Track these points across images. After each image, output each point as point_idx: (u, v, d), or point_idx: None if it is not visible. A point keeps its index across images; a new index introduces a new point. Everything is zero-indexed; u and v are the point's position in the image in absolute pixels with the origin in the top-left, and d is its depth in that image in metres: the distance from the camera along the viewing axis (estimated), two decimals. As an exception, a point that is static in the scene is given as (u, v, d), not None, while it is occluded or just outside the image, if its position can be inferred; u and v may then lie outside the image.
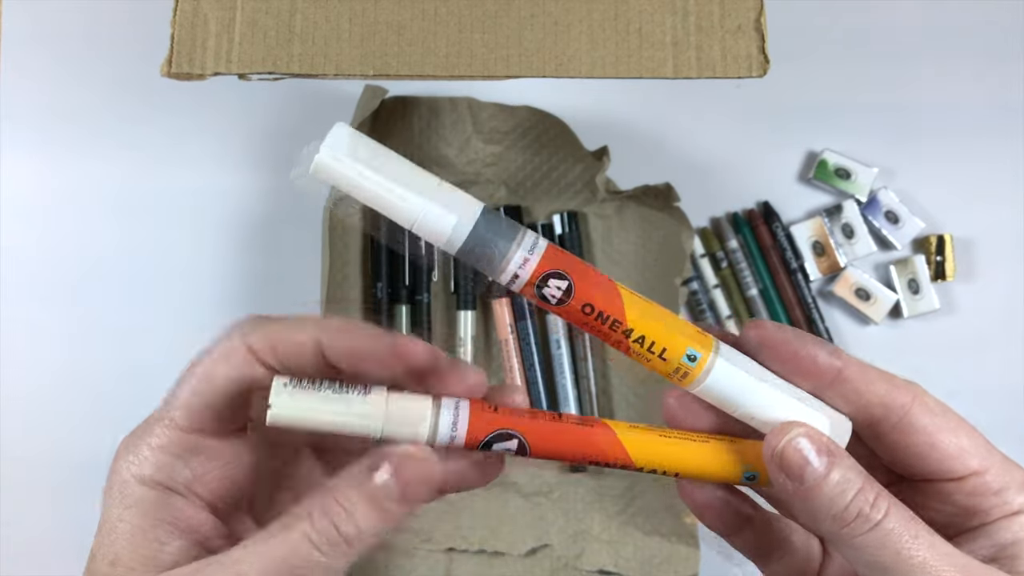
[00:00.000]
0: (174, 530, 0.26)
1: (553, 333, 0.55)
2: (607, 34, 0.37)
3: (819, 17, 0.59)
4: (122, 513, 0.25)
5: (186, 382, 0.26)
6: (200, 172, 0.57)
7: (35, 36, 0.58)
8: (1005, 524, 0.25)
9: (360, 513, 0.24)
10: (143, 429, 0.26)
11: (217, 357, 0.26)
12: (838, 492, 0.24)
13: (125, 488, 0.25)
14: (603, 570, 0.53)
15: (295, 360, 0.25)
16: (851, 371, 0.26)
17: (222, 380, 0.26)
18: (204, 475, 0.27)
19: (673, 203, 0.53)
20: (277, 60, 0.37)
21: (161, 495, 0.26)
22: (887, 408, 0.26)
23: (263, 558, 0.24)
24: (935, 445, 0.26)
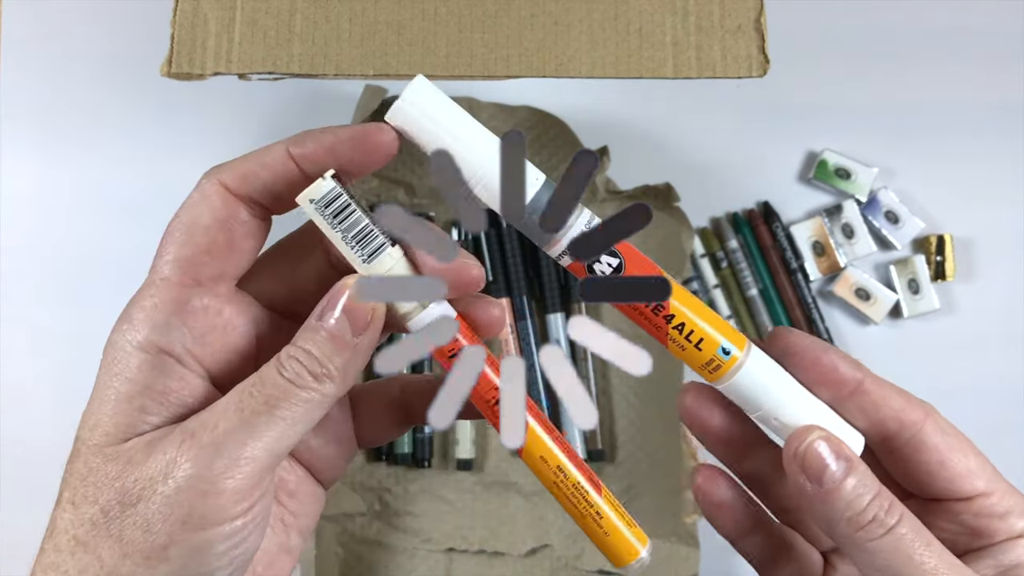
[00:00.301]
0: (163, 400, 0.25)
1: (553, 333, 0.55)
2: (607, 34, 0.37)
3: (819, 17, 0.59)
4: (110, 380, 0.25)
5: (170, 236, 0.26)
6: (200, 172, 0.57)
7: (35, 36, 0.58)
8: (1009, 546, 0.26)
9: (320, 352, 0.24)
10: (136, 295, 0.26)
11: (195, 202, 0.26)
12: (855, 496, 0.25)
13: (117, 354, 0.25)
14: (603, 570, 0.53)
15: (270, 181, 0.25)
16: (870, 384, 0.27)
17: (205, 222, 0.25)
18: (205, 336, 0.26)
19: (673, 203, 0.53)
20: (277, 60, 0.37)
21: (153, 359, 0.25)
22: (901, 424, 0.27)
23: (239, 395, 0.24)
24: (944, 464, 0.27)
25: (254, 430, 0.24)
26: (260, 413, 0.24)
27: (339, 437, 0.29)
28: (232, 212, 0.26)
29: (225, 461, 0.23)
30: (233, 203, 0.26)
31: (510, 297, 0.55)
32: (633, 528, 0.28)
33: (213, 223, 0.25)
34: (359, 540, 0.53)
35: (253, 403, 0.24)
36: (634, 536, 0.27)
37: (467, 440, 0.54)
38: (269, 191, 0.26)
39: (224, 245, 0.26)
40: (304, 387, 0.24)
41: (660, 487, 0.53)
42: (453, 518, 0.53)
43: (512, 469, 0.55)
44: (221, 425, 0.24)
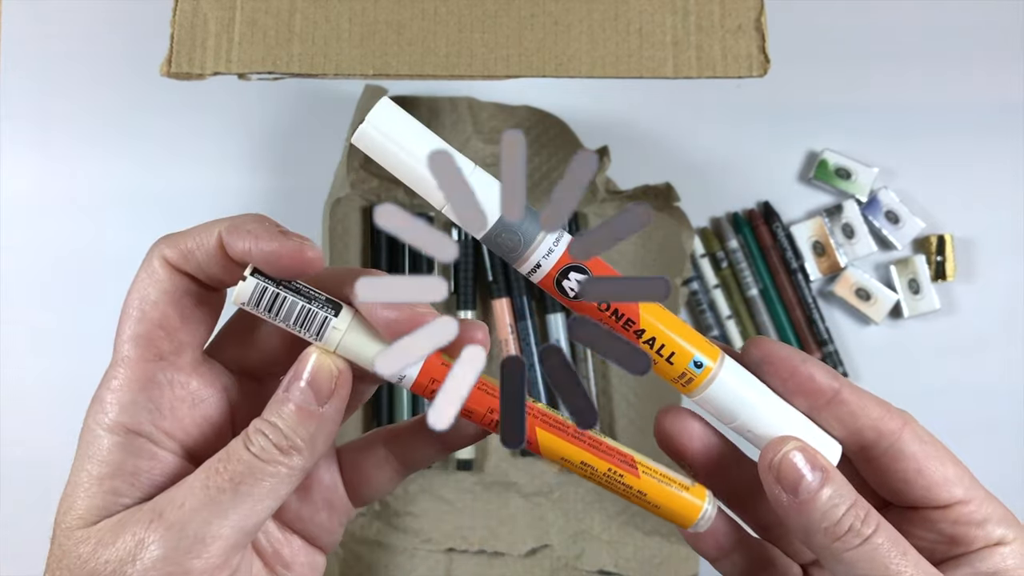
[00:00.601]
0: (134, 481, 0.25)
1: (553, 333, 0.55)
2: (607, 34, 0.37)
3: (819, 17, 0.59)
4: (83, 463, 0.25)
5: (125, 313, 0.26)
6: (200, 172, 0.57)
7: (35, 36, 0.58)
8: (987, 554, 0.26)
9: (286, 424, 0.25)
10: (104, 378, 0.26)
11: (143, 279, 0.26)
12: (831, 506, 0.25)
13: (89, 437, 0.25)
14: (603, 570, 0.53)
15: (204, 263, 0.25)
16: (848, 394, 0.27)
17: (153, 298, 0.25)
18: (173, 411, 0.26)
19: (673, 203, 0.53)
20: (277, 60, 0.37)
21: (123, 440, 0.25)
22: (879, 433, 0.27)
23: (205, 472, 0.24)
24: (922, 472, 0.27)
25: (220, 507, 0.24)
26: (225, 490, 0.24)
27: (330, 502, 0.29)
28: (178, 285, 0.26)
29: (190, 540, 0.23)
30: (178, 277, 0.26)
31: (510, 297, 0.55)
32: (687, 489, 0.27)
33: (161, 297, 0.25)
34: (359, 540, 0.53)
35: (219, 480, 0.24)
36: (689, 495, 0.27)
37: (467, 440, 0.54)
38: (204, 271, 0.26)
39: (177, 318, 0.26)
40: (270, 461, 0.24)
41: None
42: (453, 518, 0.53)
43: (512, 469, 0.55)
44: (187, 503, 0.24)
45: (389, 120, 0.25)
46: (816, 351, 0.56)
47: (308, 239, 0.25)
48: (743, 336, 0.57)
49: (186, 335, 0.26)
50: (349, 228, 0.55)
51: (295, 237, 0.25)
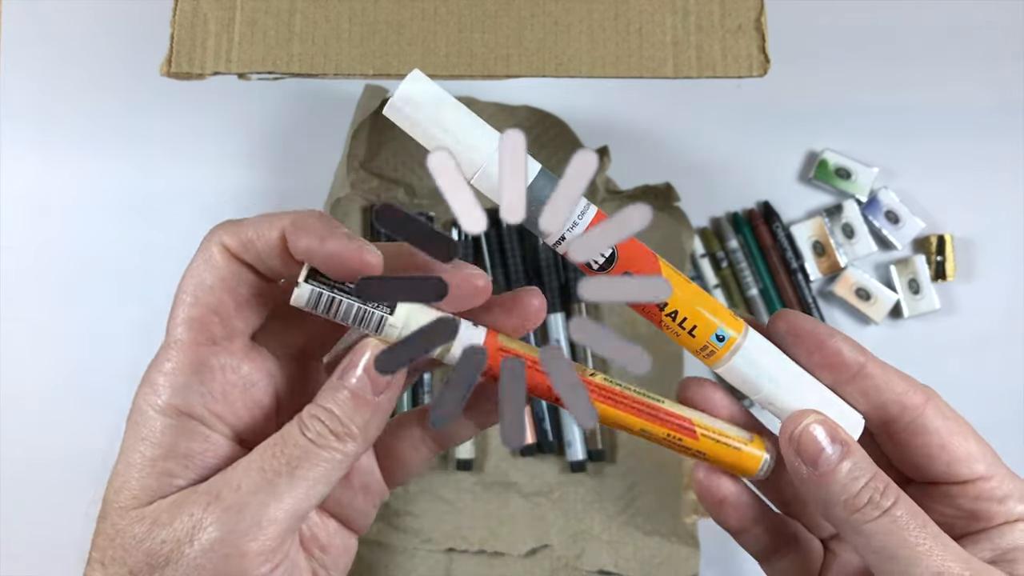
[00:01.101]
0: (187, 463, 0.25)
1: (553, 333, 0.55)
2: (607, 34, 0.37)
3: (819, 17, 0.59)
4: (135, 444, 0.25)
5: (179, 297, 0.26)
6: (200, 172, 0.57)
7: (35, 36, 0.58)
8: (1007, 530, 0.27)
9: (342, 411, 0.25)
10: (154, 360, 0.26)
11: (199, 266, 0.26)
12: (851, 479, 0.26)
13: (141, 418, 0.25)
14: (603, 570, 0.53)
15: (265, 255, 0.26)
16: (873, 368, 0.27)
17: (210, 283, 0.26)
18: (225, 395, 0.26)
19: (673, 203, 0.53)
20: (277, 60, 0.37)
21: (176, 423, 0.25)
22: (902, 407, 0.27)
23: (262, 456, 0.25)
24: (945, 447, 0.27)
25: (276, 491, 0.24)
26: (282, 474, 0.24)
27: (367, 486, 0.30)
28: (235, 273, 0.26)
29: (248, 523, 0.24)
30: (236, 265, 0.26)
31: (510, 297, 0.55)
32: (747, 444, 0.28)
33: (218, 284, 0.26)
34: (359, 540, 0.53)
35: (275, 464, 0.24)
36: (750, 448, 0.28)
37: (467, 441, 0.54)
38: (263, 263, 0.26)
39: (232, 305, 0.26)
40: (326, 447, 0.25)
41: (660, 487, 0.53)
42: (453, 518, 0.53)
43: (512, 469, 0.55)
44: (244, 485, 0.24)
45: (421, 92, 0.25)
46: (816, 351, 0.56)
47: (367, 242, 0.25)
48: (743, 336, 0.57)
49: (240, 322, 0.27)
50: (349, 228, 0.54)
51: (356, 240, 0.25)
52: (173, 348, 0.26)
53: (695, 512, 0.51)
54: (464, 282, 0.26)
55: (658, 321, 0.27)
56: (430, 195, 0.56)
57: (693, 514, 0.51)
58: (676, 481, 0.52)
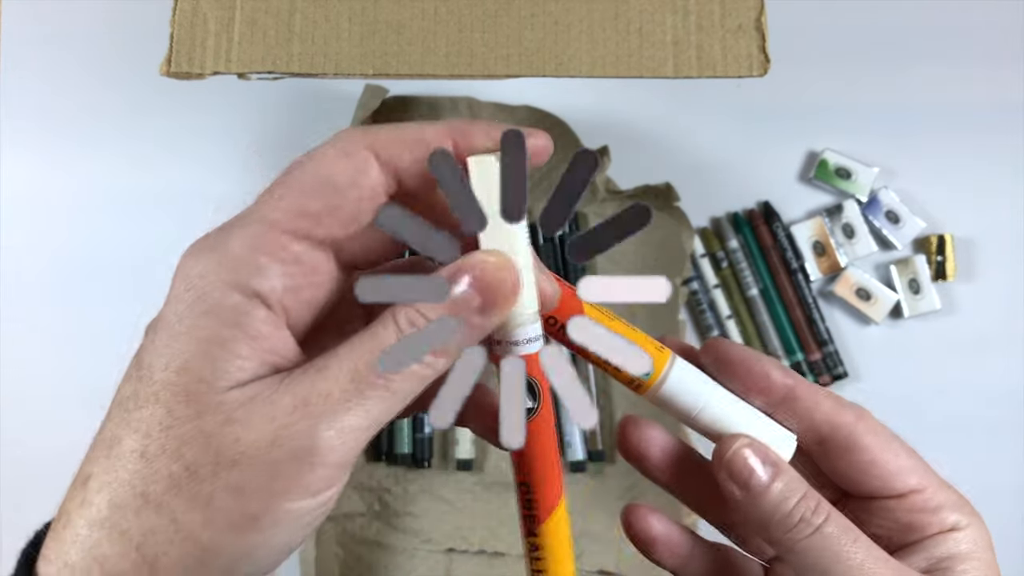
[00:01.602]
0: (256, 347, 0.22)
1: (553, 333, 0.55)
2: (607, 33, 0.37)
3: (819, 17, 0.59)
4: (197, 319, 0.22)
5: (295, 181, 0.23)
6: (200, 172, 0.57)
7: (35, 36, 0.58)
8: (940, 539, 0.27)
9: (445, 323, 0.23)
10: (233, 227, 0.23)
11: (333, 156, 0.23)
12: (782, 499, 0.26)
13: (208, 288, 0.22)
14: (603, 570, 0.52)
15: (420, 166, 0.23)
16: (802, 390, 0.28)
17: (343, 183, 0.23)
18: (298, 288, 0.23)
19: (673, 203, 0.53)
20: (277, 59, 0.37)
21: (247, 302, 0.22)
22: (833, 426, 0.28)
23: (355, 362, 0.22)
24: (875, 462, 0.28)
25: (367, 402, 0.22)
26: (376, 386, 0.22)
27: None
28: (373, 180, 0.23)
29: (335, 434, 0.22)
30: (377, 171, 0.23)
31: (510, 297, 0.55)
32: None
33: (350, 186, 0.23)
34: (359, 540, 0.53)
35: (370, 374, 0.22)
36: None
37: (467, 440, 0.54)
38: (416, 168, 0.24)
39: (349, 214, 0.23)
40: (424, 363, 0.23)
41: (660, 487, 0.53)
42: (453, 518, 0.53)
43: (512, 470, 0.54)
44: (335, 394, 0.22)
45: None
46: (816, 351, 0.56)
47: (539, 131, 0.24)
48: (743, 337, 0.57)
49: (342, 230, 0.24)
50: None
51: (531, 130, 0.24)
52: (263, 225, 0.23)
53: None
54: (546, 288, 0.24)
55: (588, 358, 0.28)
56: (430, 195, 0.56)
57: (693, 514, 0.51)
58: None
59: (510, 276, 0.23)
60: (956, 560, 0.27)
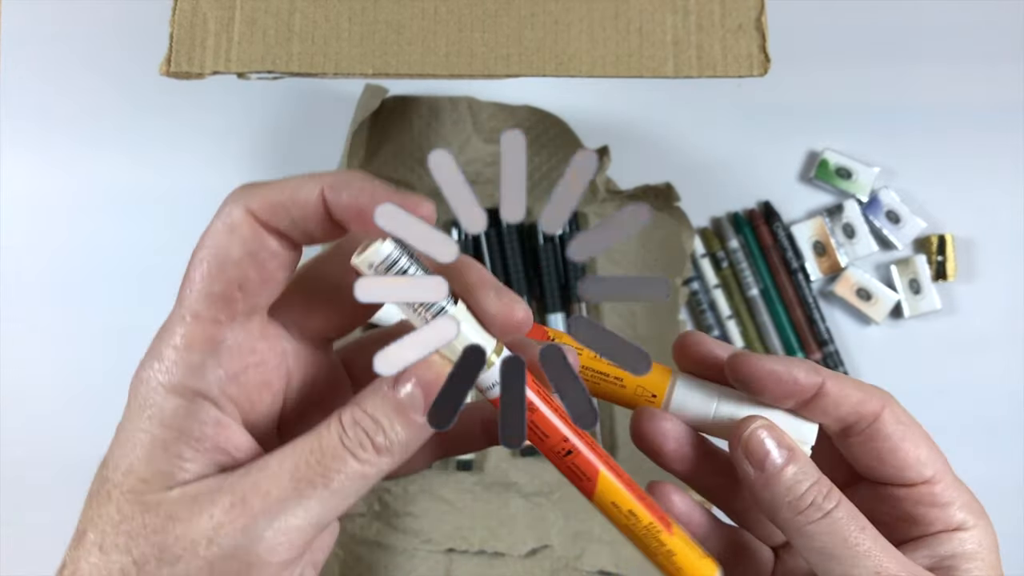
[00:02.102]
0: (199, 447, 0.23)
1: (553, 333, 0.55)
2: (607, 33, 0.37)
3: (819, 17, 0.58)
4: (141, 423, 0.23)
5: (198, 267, 0.23)
6: (200, 171, 0.57)
7: (35, 36, 0.58)
8: (945, 537, 0.28)
9: (388, 423, 0.23)
10: (164, 330, 0.24)
11: (223, 232, 0.23)
12: (795, 481, 0.27)
13: (148, 395, 0.23)
14: (603, 571, 0.52)
15: (300, 219, 0.23)
16: (830, 385, 0.28)
17: (236, 256, 0.23)
18: (239, 377, 0.24)
19: (673, 203, 0.53)
20: (276, 59, 0.37)
21: (188, 404, 0.23)
22: (859, 415, 0.28)
23: (295, 461, 0.23)
24: (895, 451, 0.28)
25: (307, 502, 0.23)
26: (315, 485, 0.23)
27: None
28: (263, 244, 0.24)
29: (273, 532, 0.22)
30: (263, 235, 0.24)
31: (510, 297, 0.55)
32: (703, 559, 0.28)
33: (244, 256, 0.23)
34: (359, 540, 0.53)
35: (309, 472, 0.23)
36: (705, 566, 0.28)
37: (467, 440, 0.54)
38: (298, 227, 0.24)
39: (257, 279, 0.24)
40: (365, 461, 0.23)
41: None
42: (453, 518, 0.53)
43: (512, 469, 0.54)
44: (273, 492, 0.23)
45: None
46: (816, 351, 0.56)
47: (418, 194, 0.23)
48: (743, 336, 0.57)
49: (263, 297, 0.24)
50: (349, 228, 0.55)
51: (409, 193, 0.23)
52: (189, 321, 0.23)
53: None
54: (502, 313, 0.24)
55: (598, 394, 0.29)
56: (430, 195, 0.56)
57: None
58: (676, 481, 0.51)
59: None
60: (960, 559, 0.27)
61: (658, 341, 0.53)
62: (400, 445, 0.24)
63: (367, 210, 0.23)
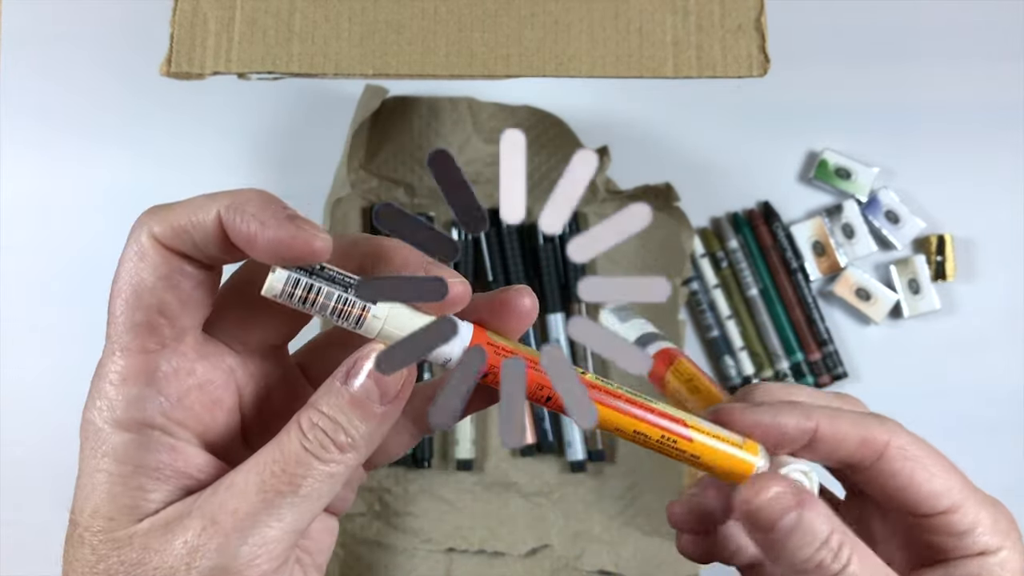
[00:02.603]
0: (159, 476, 0.23)
1: (553, 333, 0.55)
2: (607, 33, 0.37)
3: (819, 17, 0.59)
4: (97, 463, 0.23)
5: (118, 299, 0.23)
6: (200, 171, 0.57)
7: (35, 36, 0.58)
8: (964, 563, 0.27)
9: (346, 420, 0.23)
10: (99, 368, 0.24)
11: (134, 261, 0.24)
12: (801, 545, 0.25)
13: (97, 435, 0.23)
14: (603, 570, 0.52)
15: (202, 242, 0.23)
16: (824, 429, 0.27)
17: (149, 283, 0.23)
18: (182, 400, 0.24)
19: (673, 203, 0.53)
20: (276, 59, 0.37)
21: (138, 437, 0.23)
22: (861, 456, 0.27)
23: (260, 474, 0.23)
24: (905, 488, 0.27)
25: (278, 512, 0.23)
26: (284, 494, 0.23)
27: None
28: (174, 267, 0.24)
29: (249, 547, 0.22)
30: (173, 258, 0.24)
31: (510, 297, 0.55)
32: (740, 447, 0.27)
33: (158, 282, 0.23)
34: (359, 540, 0.53)
35: (275, 483, 0.23)
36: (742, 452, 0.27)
37: (467, 440, 0.54)
38: (201, 252, 0.24)
39: (176, 303, 0.24)
40: (329, 460, 0.23)
41: (660, 487, 0.53)
42: (453, 518, 0.53)
43: (512, 469, 0.55)
44: (242, 508, 0.23)
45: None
46: (816, 351, 0.56)
47: (316, 224, 0.23)
48: (743, 336, 0.57)
49: (187, 319, 0.24)
50: (349, 228, 0.55)
51: (303, 223, 0.23)
52: (119, 355, 0.24)
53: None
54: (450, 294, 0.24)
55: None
56: (430, 195, 0.56)
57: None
58: (676, 481, 0.52)
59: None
60: None
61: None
62: (364, 438, 0.24)
63: (257, 238, 0.22)
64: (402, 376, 0.24)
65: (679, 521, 0.30)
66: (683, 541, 0.30)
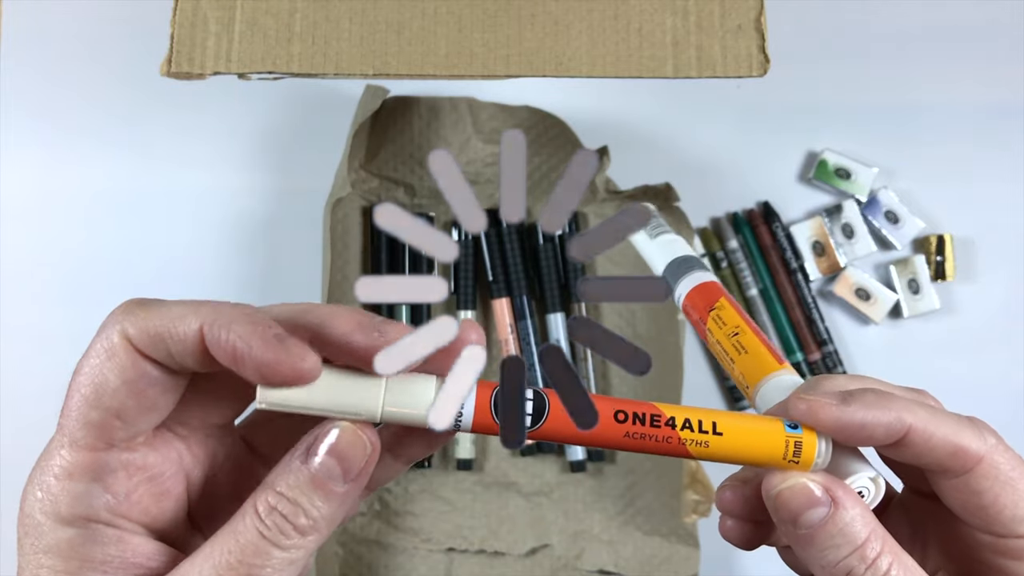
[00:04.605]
0: (107, 569, 0.22)
1: (553, 333, 0.55)
2: (607, 34, 0.37)
3: (819, 17, 0.59)
4: (40, 559, 0.22)
5: (77, 392, 0.23)
6: (200, 172, 0.57)
7: (35, 36, 0.58)
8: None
9: (307, 500, 0.22)
10: (44, 456, 0.23)
11: (100, 358, 0.23)
12: (830, 546, 0.24)
13: (38, 530, 0.22)
14: (603, 570, 0.53)
15: (178, 353, 0.22)
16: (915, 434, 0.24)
17: (113, 385, 0.23)
18: (131, 494, 0.23)
19: (673, 203, 0.53)
20: (277, 60, 0.37)
21: (83, 532, 0.22)
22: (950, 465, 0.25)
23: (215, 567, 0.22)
24: (989, 507, 0.25)
25: None
26: None
27: None
28: (142, 373, 0.23)
29: None
30: (142, 363, 0.23)
31: (510, 297, 0.55)
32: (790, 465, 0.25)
33: (122, 385, 0.23)
34: (359, 540, 0.53)
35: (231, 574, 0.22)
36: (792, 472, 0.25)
37: (467, 440, 0.54)
38: (176, 361, 0.23)
39: (135, 408, 0.23)
40: (289, 547, 0.22)
41: (660, 487, 0.53)
42: (453, 518, 0.53)
43: (512, 469, 0.55)
44: None
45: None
46: (816, 351, 0.56)
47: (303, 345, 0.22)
48: (743, 336, 0.57)
49: (145, 424, 0.24)
50: (349, 228, 0.55)
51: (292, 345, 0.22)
52: (67, 449, 0.23)
53: (695, 512, 0.51)
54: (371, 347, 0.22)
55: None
56: (430, 195, 0.56)
57: (693, 514, 0.51)
58: (676, 481, 0.52)
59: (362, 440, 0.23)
60: None
61: (658, 341, 0.54)
62: (325, 520, 0.22)
63: (244, 360, 0.22)
64: (365, 453, 0.23)
65: (729, 507, 0.28)
66: (727, 526, 0.28)
